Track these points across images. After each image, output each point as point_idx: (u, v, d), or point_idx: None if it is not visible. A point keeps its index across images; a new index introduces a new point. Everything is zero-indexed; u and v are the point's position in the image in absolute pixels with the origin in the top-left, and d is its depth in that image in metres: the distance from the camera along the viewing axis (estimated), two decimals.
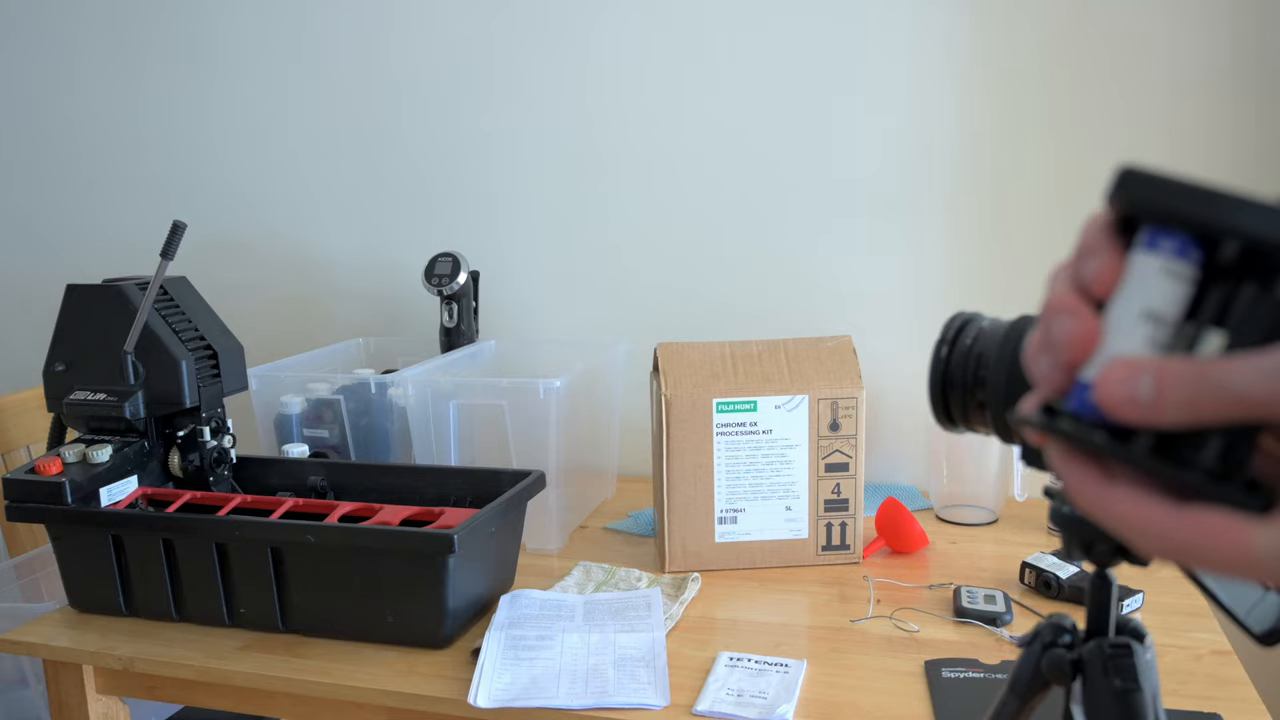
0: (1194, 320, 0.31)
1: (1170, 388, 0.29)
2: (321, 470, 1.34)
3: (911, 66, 1.54)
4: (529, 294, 1.78)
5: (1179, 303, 0.31)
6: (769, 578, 1.28)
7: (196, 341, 1.26)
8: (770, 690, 0.98)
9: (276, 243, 1.92)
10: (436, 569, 1.07)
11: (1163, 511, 0.30)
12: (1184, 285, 0.31)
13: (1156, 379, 0.29)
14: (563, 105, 1.71)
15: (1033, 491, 1.51)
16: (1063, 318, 0.32)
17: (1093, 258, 0.33)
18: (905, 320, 1.61)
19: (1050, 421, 0.32)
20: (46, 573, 1.52)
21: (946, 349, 0.61)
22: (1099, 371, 0.31)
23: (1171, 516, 0.30)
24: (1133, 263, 0.32)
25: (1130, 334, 0.31)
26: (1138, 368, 0.30)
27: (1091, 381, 0.31)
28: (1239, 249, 0.30)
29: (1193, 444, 0.30)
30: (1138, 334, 0.31)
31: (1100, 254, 0.33)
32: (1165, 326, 0.31)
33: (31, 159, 2.05)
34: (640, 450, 1.70)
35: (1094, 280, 0.33)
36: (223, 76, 1.89)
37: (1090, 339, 0.32)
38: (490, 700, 0.98)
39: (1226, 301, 0.31)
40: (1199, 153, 1.45)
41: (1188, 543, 0.30)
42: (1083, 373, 0.32)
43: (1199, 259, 0.31)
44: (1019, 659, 0.65)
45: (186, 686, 1.13)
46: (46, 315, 2.05)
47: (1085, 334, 0.32)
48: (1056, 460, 0.33)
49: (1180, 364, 0.29)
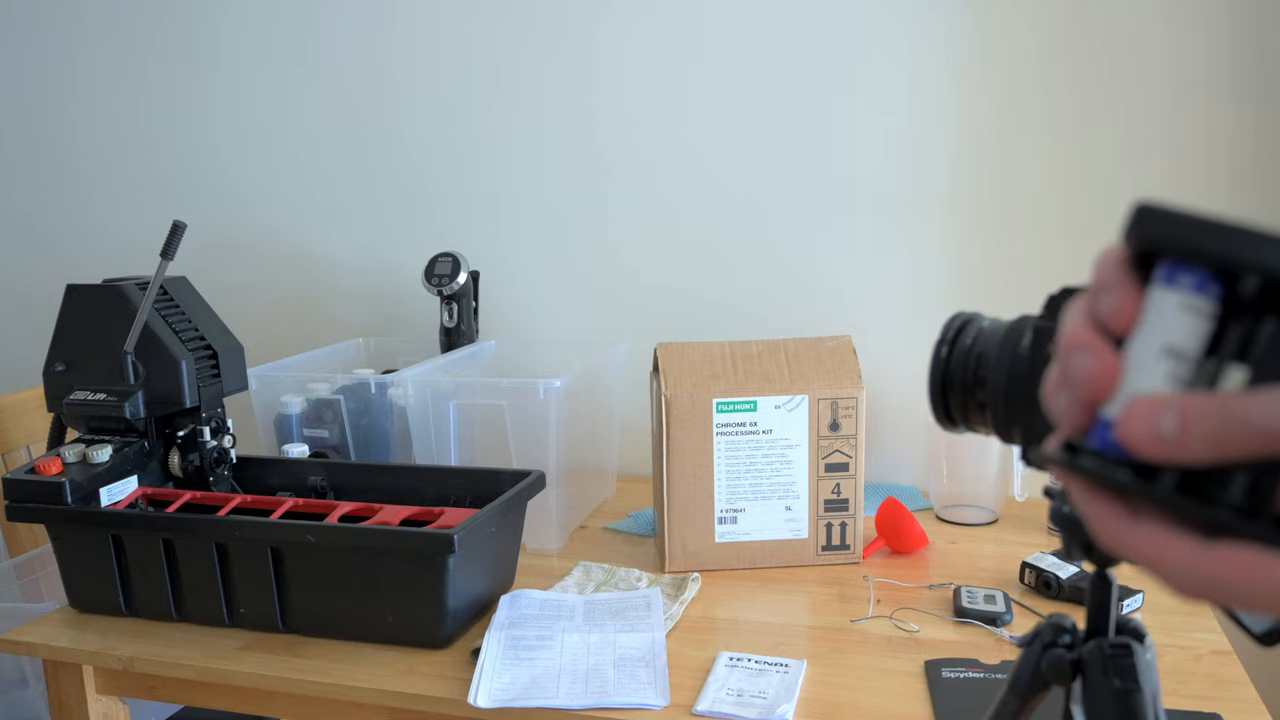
0: (1215, 356, 0.31)
1: (1194, 424, 0.29)
2: (321, 470, 1.34)
3: (911, 67, 1.54)
4: (529, 294, 1.78)
5: (1199, 338, 0.31)
6: (769, 578, 1.28)
7: (196, 341, 1.26)
8: (770, 690, 0.98)
9: (277, 243, 1.92)
10: (436, 569, 1.07)
11: (1189, 549, 0.30)
12: (1204, 321, 0.31)
13: (1180, 415, 0.29)
14: (563, 105, 1.71)
15: (1033, 491, 1.51)
16: (1082, 355, 0.32)
17: (1109, 293, 0.32)
18: (905, 320, 1.61)
19: (1073, 459, 0.32)
20: (46, 573, 1.52)
21: (946, 349, 0.61)
22: (1121, 409, 0.30)
23: (1198, 554, 0.30)
24: (1151, 298, 0.32)
25: (1151, 370, 0.31)
26: (1161, 404, 0.29)
27: (1114, 419, 0.31)
28: (1260, 284, 0.30)
29: (1219, 480, 0.30)
30: (1159, 370, 0.31)
31: (1117, 290, 0.32)
32: (1186, 362, 0.31)
33: (32, 158, 2.05)
34: (640, 450, 1.70)
35: (1111, 316, 0.32)
36: (224, 77, 1.89)
37: (1111, 376, 0.32)
38: (490, 700, 0.98)
39: (1247, 337, 0.30)
40: (1198, 153, 1.45)
41: (1217, 580, 0.29)
42: (1105, 410, 0.32)
43: (1218, 294, 0.31)
44: (1019, 659, 0.65)
45: (186, 686, 1.13)
46: (46, 315, 2.05)
47: (1105, 371, 0.32)
48: (1080, 498, 0.32)
49: (1203, 400, 0.29)
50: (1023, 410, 0.57)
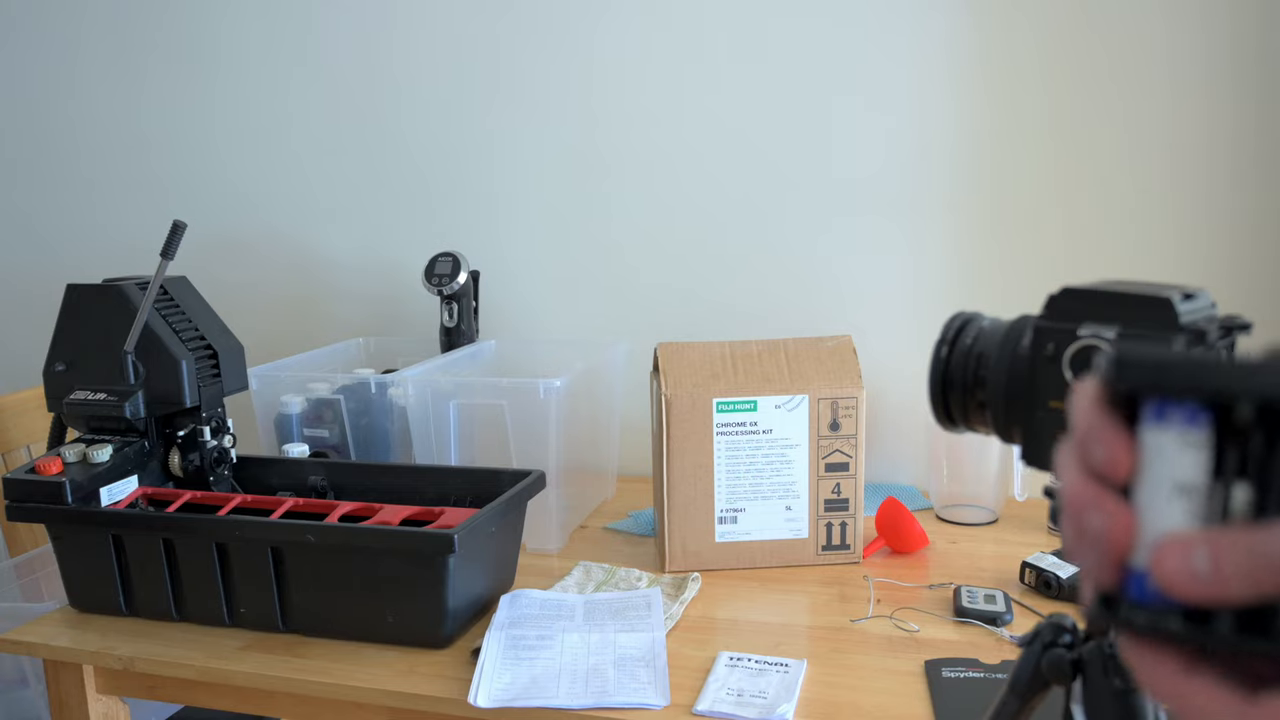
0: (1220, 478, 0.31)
1: (1226, 560, 0.29)
2: (321, 470, 1.34)
3: (911, 67, 1.54)
4: (529, 294, 1.78)
5: (1204, 468, 0.31)
6: (769, 578, 1.28)
7: (197, 341, 1.26)
8: (770, 690, 0.99)
9: (277, 242, 1.92)
10: (436, 569, 1.07)
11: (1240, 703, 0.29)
12: (1203, 451, 0.31)
13: (1211, 551, 0.29)
14: (563, 105, 1.71)
15: (1033, 491, 1.51)
16: (1093, 514, 0.32)
17: (1100, 444, 0.32)
18: (905, 320, 1.61)
19: (1122, 615, 0.32)
20: (46, 573, 1.52)
21: (946, 349, 0.61)
22: (1151, 555, 0.30)
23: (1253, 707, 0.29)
24: (1146, 440, 0.32)
25: (1168, 512, 0.31)
26: (1190, 542, 0.29)
27: (1146, 568, 0.31)
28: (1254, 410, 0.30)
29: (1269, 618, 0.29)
30: (1175, 510, 0.31)
31: (1108, 438, 0.32)
32: (1198, 495, 0.31)
33: (33, 158, 2.05)
34: (640, 450, 1.69)
35: (1108, 466, 0.32)
36: (225, 76, 1.89)
37: (1129, 529, 0.31)
38: (490, 700, 0.98)
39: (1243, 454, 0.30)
40: (1198, 153, 1.45)
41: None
42: (1133, 560, 0.31)
43: (1210, 421, 0.31)
44: (1019, 659, 0.65)
45: (187, 686, 1.13)
46: (46, 315, 2.04)
47: (1122, 525, 0.31)
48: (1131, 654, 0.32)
49: (1230, 537, 0.29)
50: (1022, 410, 0.57)
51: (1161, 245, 1.49)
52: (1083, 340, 0.54)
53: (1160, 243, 1.49)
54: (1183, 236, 1.48)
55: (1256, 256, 1.46)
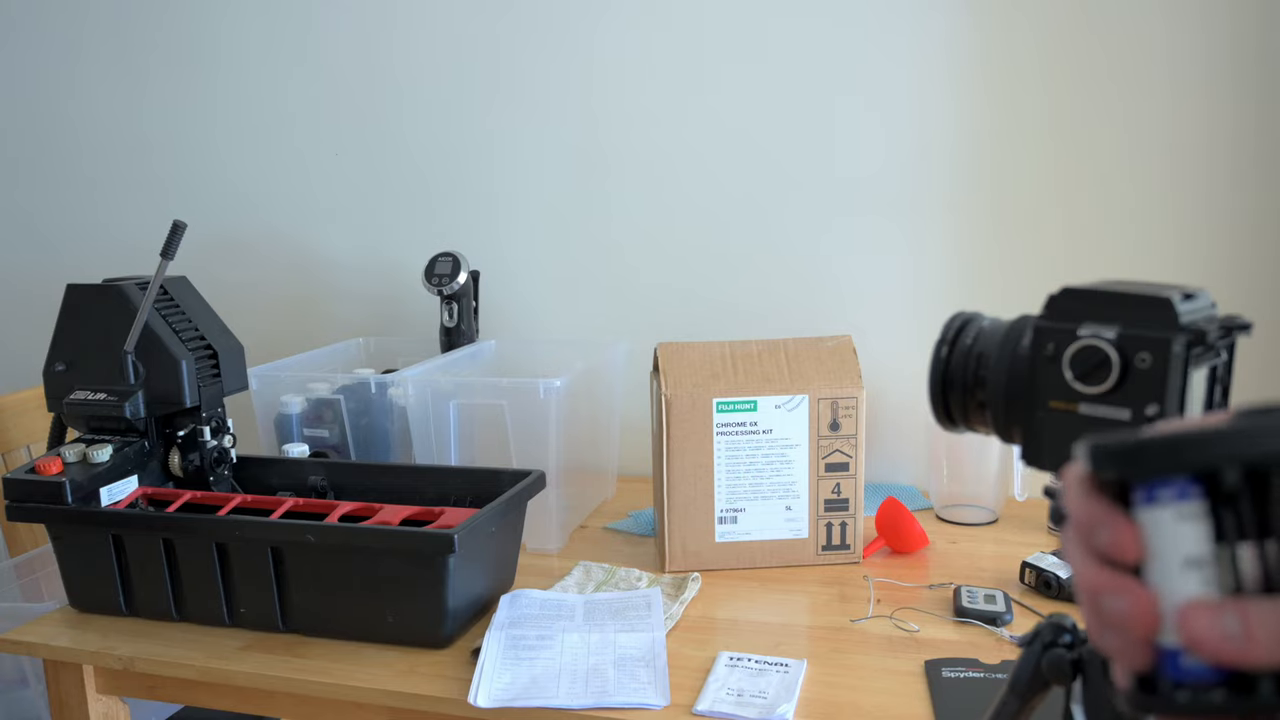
0: (1224, 541, 0.31)
1: (1255, 624, 0.29)
2: (321, 470, 1.34)
3: (911, 67, 1.54)
4: (529, 294, 1.78)
5: (1206, 537, 0.31)
6: (769, 578, 1.28)
7: (197, 341, 1.26)
8: (770, 690, 0.99)
9: (277, 242, 1.92)
10: (436, 569, 1.07)
11: None
12: (1201, 521, 0.31)
13: (1239, 614, 0.29)
14: (564, 105, 1.71)
15: (1033, 491, 1.51)
16: (1112, 598, 0.32)
17: (1105, 528, 0.33)
18: (905, 320, 1.61)
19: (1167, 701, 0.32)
20: (46, 573, 1.52)
21: (946, 349, 0.61)
22: (1178, 623, 0.31)
23: None
24: (1143, 521, 0.32)
25: (1184, 587, 0.31)
26: (1217, 607, 0.30)
27: (1178, 645, 0.31)
28: (1241, 473, 0.31)
29: None
30: (1191, 583, 0.31)
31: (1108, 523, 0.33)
32: (1208, 565, 0.31)
33: (33, 158, 2.05)
34: (640, 450, 1.69)
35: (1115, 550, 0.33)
36: (226, 76, 1.89)
37: (1151, 608, 0.32)
38: (490, 700, 0.98)
39: (1238, 516, 0.31)
40: (1198, 153, 1.45)
41: None
42: (1161, 639, 0.32)
43: (1201, 491, 0.31)
44: (1019, 659, 0.65)
45: (187, 686, 1.13)
46: (46, 315, 2.04)
47: (1144, 606, 0.32)
48: None
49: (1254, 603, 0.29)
50: (1022, 410, 0.57)
51: (1161, 245, 1.49)
52: (1083, 340, 0.54)
53: (1160, 243, 1.49)
54: (1183, 236, 1.48)
55: (1256, 256, 1.46)
